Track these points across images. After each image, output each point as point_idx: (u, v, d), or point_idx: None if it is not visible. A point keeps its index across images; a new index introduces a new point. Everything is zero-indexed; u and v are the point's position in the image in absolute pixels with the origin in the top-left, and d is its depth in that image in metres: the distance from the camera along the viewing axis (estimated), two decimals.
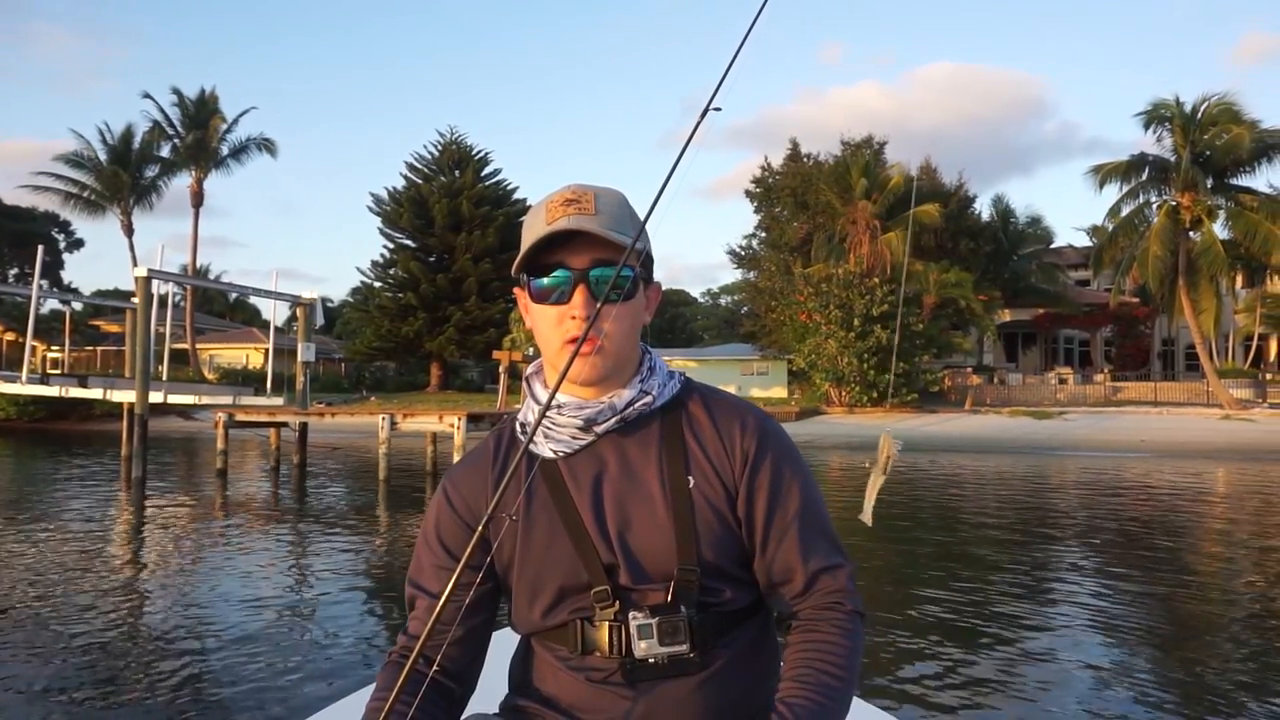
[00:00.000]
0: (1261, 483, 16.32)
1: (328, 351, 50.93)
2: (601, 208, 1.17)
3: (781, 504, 1.21)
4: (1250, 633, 6.15)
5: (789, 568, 1.20)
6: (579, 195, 1.17)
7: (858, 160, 34.10)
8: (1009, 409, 29.96)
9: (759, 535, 1.20)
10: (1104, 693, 4.75)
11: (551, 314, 1.18)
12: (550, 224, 1.15)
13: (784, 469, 1.22)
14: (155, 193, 42.42)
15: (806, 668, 1.15)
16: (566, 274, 1.16)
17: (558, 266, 1.17)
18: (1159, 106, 29.85)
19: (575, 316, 1.16)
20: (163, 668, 5.09)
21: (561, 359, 1.16)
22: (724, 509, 1.19)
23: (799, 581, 1.20)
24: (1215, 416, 26.50)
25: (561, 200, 1.17)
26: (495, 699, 1.30)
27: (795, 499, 1.21)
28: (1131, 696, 4.67)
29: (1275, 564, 8.75)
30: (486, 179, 43.57)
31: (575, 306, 1.16)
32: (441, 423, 15.62)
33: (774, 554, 1.20)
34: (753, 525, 1.20)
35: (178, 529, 10.97)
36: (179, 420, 31.76)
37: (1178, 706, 4.55)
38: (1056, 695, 4.75)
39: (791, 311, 31.91)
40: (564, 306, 1.17)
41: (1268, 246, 28.39)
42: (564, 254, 1.16)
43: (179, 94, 41.62)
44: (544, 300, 1.18)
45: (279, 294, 20.78)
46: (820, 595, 1.20)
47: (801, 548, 1.20)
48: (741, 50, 1.19)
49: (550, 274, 1.17)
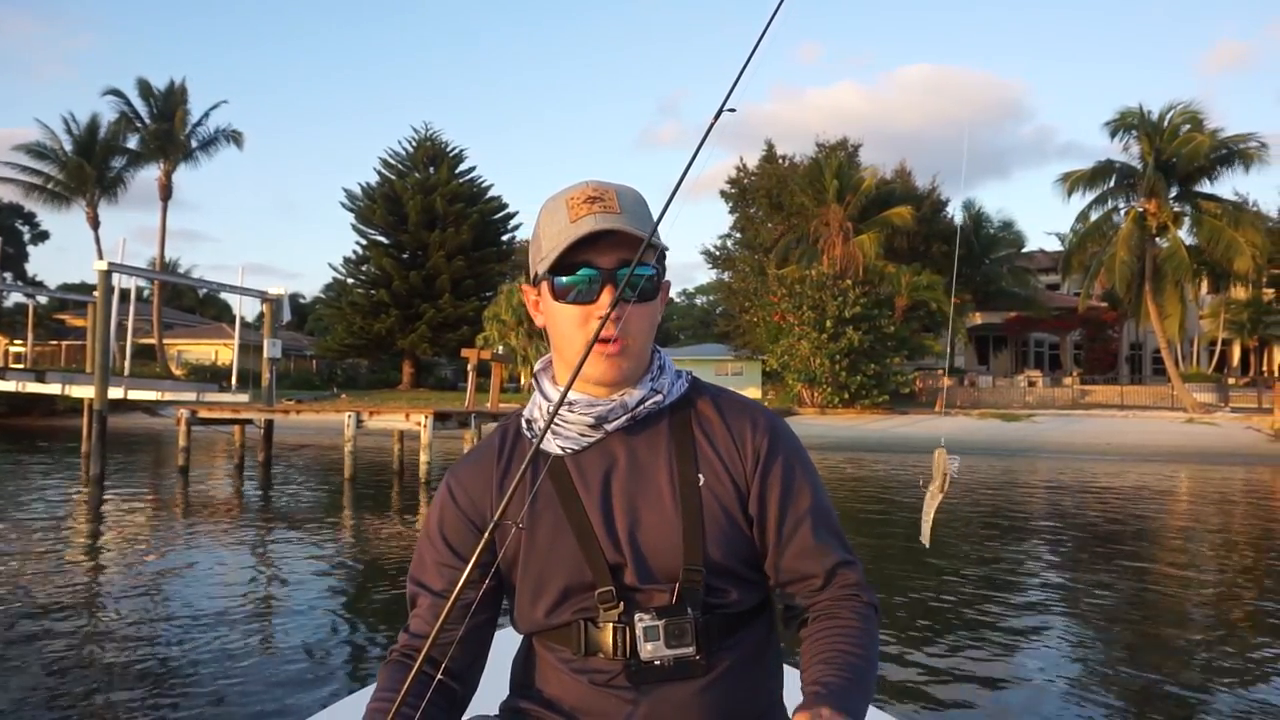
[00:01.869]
0: (1219, 485, 16.58)
1: (299, 348, 50.42)
2: (625, 205, 1.15)
3: (795, 502, 1.20)
4: (1208, 622, 6.42)
5: (805, 564, 1.20)
6: (601, 193, 1.16)
7: (831, 162, 34.28)
8: (979, 411, 30.24)
9: (772, 532, 1.20)
10: (1074, 689, 4.80)
11: (574, 313, 1.16)
12: (575, 221, 1.13)
13: (795, 468, 1.22)
14: (121, 185, 41.82)
15: (833, 650, 1.14)
16: (593, 273, 1.14)
17: (583, 265, 1.14)
18: (1125, 115, 30.28)
19: (601, 316, 1.14)
20: (121, 679, 4.92)
21: (589, 359, 1.14)
22: (733, 507, 1.19)
23: (816, 577, 1.20)
24: (1179, 420, 26.89)
25: (584, 197, 1.15)
26: (495, 700, 1.28)
27: (808, 497, 1.21)
28: (1096, 682, 4.74)
29: (1230, 560, 8.99)
30: (461, 176, 43.31)
31: (604, 306, 1.14)
32: (408, 421, 15.48)
33: (789, 551, 1.20)
34: (765, 523, 1.20)
35: (132, 529, 10.77)
36: (144, 417, 31.28)
37: (1137, 695, 4.60)
38: (1030, 688, 4.83)
39: (765, 312, 32.03)
40: (589, 306, 1.15)
41: (1230, 253, 28.88)
42: (590, 252, 1.14)
43: (146, 85, 41.05)
44: (565, 298, 1.16)
45: (245, 289, 20.51)
46: (837, 589, 1.21)
47: (817, 545, 1.20)
48: (755, 53, 1.16)
49: (574, 272, 1.15)
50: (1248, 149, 29.39)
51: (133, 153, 41.71)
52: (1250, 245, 28.75)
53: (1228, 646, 5.91)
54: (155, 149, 40.86)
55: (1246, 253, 28.60)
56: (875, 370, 30.15)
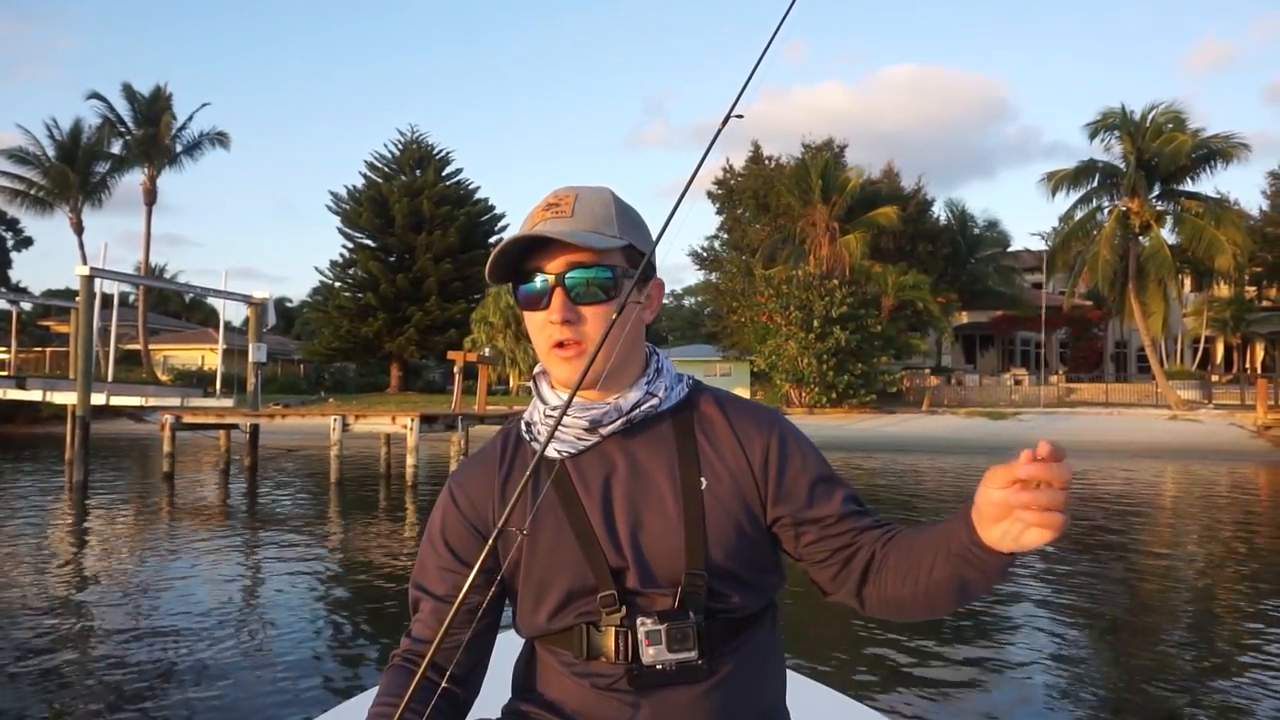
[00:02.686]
0: (1203, 481, 16.72)
1: (286, 352, 50.17)
2: (579, 210, 1.17)
3: (825, 489, 1.20)
4: (1192, 613, 6.58)
5: (852, 536, 1.18)
6: (559, 199, 1.18)
7: (817, 163, 34.39)
8: (965, 410, 30.38)
9: (807, 521, 1.19)
10: (1062, 678, 4.85)
11: (537, 319, 1.19)
12: (531, 229, 1.16)
13: (812, 459, 1.23)
14: (105, 190, 41.47)
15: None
16: (545, 279, 1.17)
17: (536, 271, 1.17)
18: (1107, 115, 30.50)
19: (554, 320, 1.16)
20: (101, 692, 4.87)
21: (550, 362, 1.19)
22: (737, 511, 1.18)
23: (870, 534, 1.18)
24: (1163, 417, 27.10)
25: (544, 205, 1.19)
26: (497, 704, 1.28)
27: (834, 480, 1.22)
28: (1080, 675, 4.79)
29: (1213, 553, 9.10)
30: (448, 178, 43.23)
31: (554, 311, 1.16)
32: (395, 424, 15.43)
33: (831, 533, 1.19)
34: (797, 515, 1.19)
35: (114, 536, 10.71)
36: (131, 423, 31.08)
37: (1126, 685, 4.66)
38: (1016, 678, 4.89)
39: (753, 313, 32.09)
40: (545, 312, 1.17)
41: (1212, 251, 29.13)
42: (542, 259, 1.17)
43: (129, 89, 40.79)
44: (530, 306, 1.19)
45: (229, 293, 20.41)
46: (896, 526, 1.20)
47: (857, 516, 1.20)
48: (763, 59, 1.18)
49: (531, 279, 1.18)
50: (1229, 147, 29.67)
51: (116, 157, 41.42)
52: (1231, 243, 29.01)
53: (1212, 636, 6.05)
54: (140, 153, 40.61)
55: (1228, 250, 28.86)
56: (862, 370, 30.25)
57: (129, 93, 40.83)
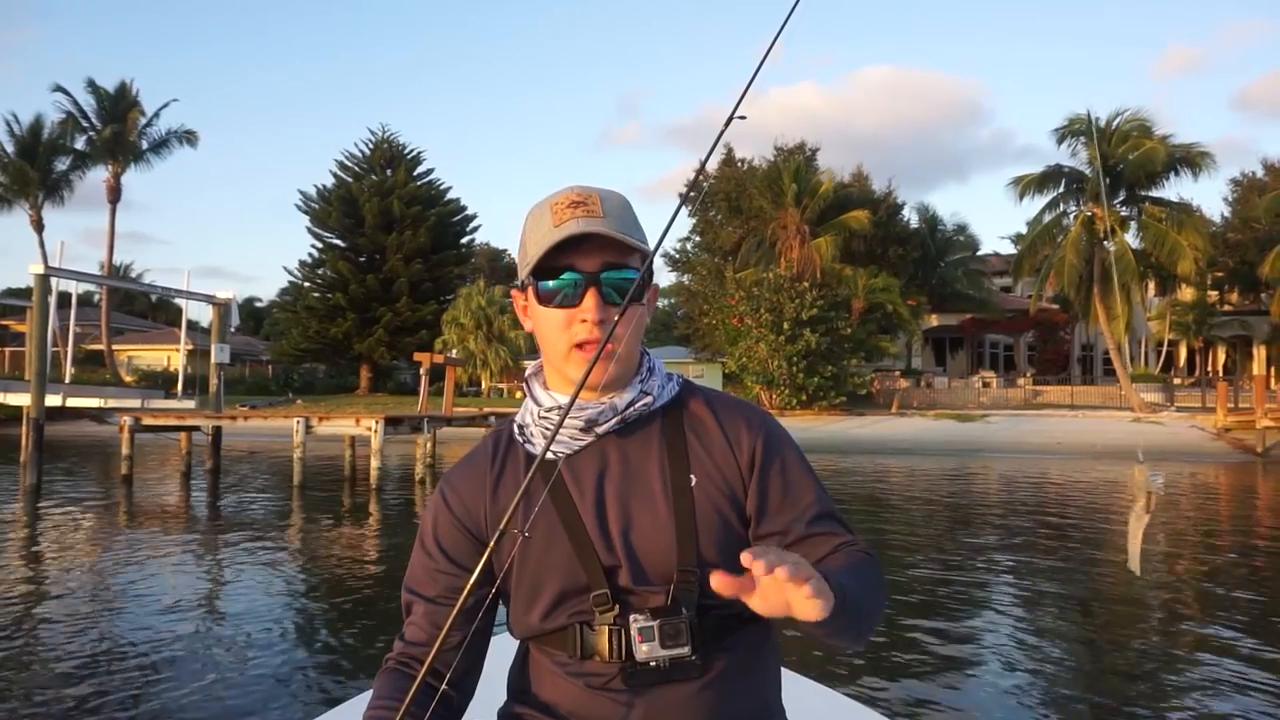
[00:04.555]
0: (1165, 483, 16.93)
1: (255, 353, 49.55)
2: (608, 210, 1.17)
3: (795, 496, 1.21)
4: (1156, 607, 6.80)
5: (814, 551, 1.19)
6: (585, 197, 1.17)
7: (789, 166, 34.55)
8: (934, 412, 30.65)
9: (776, 526, 1.20)
10: (1027, 679, 4.85)
11: (558, 317, 1.17)
12: (558, 226, 1.14)
13: (793, 463, 1.23)
14: (67, 187, 40.65)
15: (848, 563, 1.15)
16: (577, 277, 1.15)
17: (566, 269, 1.15)
18: (1073, 121, 30.93)
19: (586, 320, 1.15)
20: (52, 708, 4.69)
21: (569, 362, 1.17)
22: (727, 508, 1.19)
23: (826, 557, 1.19)
24: (1126, 419, 27.48)
25: (568, 202, 1.17)
26: (492, 706, 1.29)
27: (810, 489, 1.22)
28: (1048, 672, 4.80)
29: (1175, 551, 9.20)
30: (419, 178, 42.90)
31: (587, 310, 1.15)
32: (359, 426, 15.26)
33: (796, 543, 1.19)
34: (767, 518, 1.20)
35: (66, 541, 10.46)
36: (93, 425, 30.49)
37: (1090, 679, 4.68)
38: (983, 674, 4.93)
39: (724, 315, 32.15)
40: (573, 310, 1.16)
41: (1175, 256, 29.62)
42: (573, 257, 1.15)
43: (94, 85, 40.09)
44: (549, 303, 1.17)
45: (192, 293, 20.08)
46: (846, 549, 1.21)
47: (823, 532, 1.20)
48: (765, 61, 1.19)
49: (558, 276, 1.16)
50: (1194, 155, 30.19)
51: (79, 154, 40.66)
52: (1193, 248, 29.53)
53: (1173, 630, 6.27)
54: (104, 150, 39.89)
55: (1189, 255, 29.37)
56: (832, 372, 30.41)
57: (94, 88, 40.14)
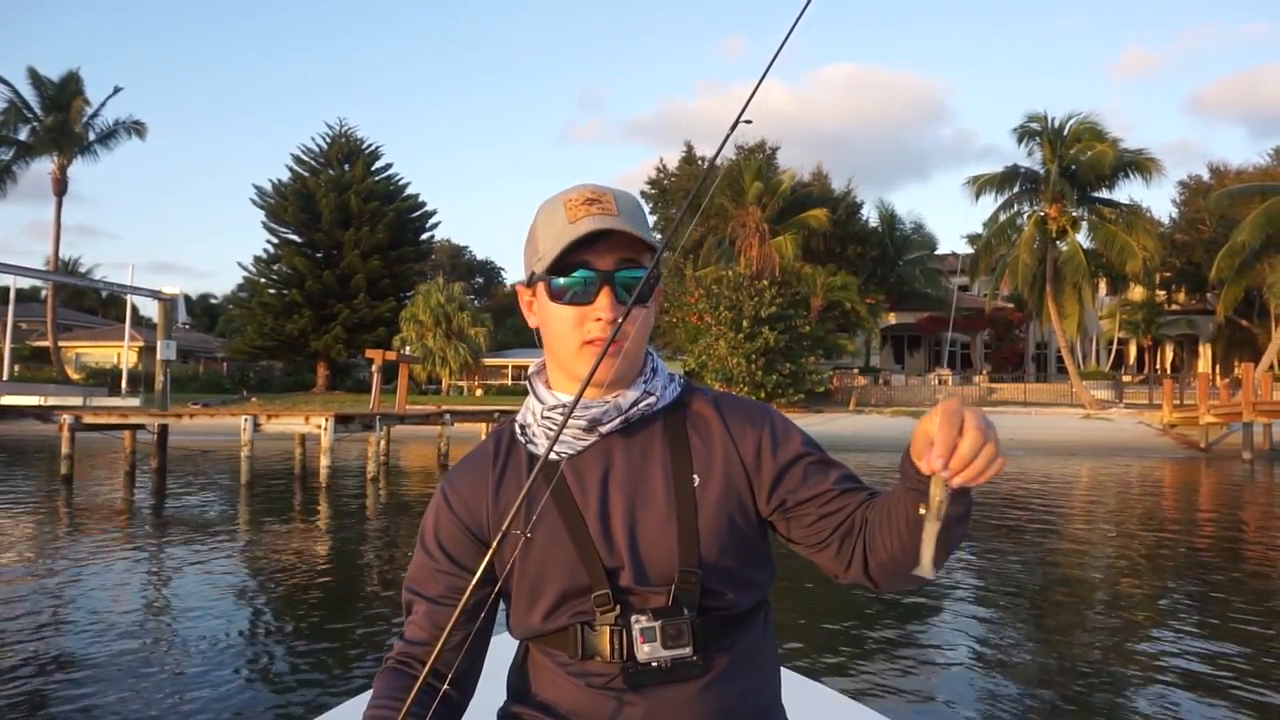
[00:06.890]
0: (1114, 476, 17.30)
1: (209, 350, 48.62)
2: (622, 208, 1.17)
3: (818, 465, 1.21)
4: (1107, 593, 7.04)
5: (848, 512, 1.17)
6: (599, 195, 1.17)
7: (750, 164, 34.70)
8: (891, 409, 31.00)
9: (806, 501, 1.18)
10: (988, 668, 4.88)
11: (569, 314, 1.16)
12: (573, 223, 1.14)
13: (804, 442, 1.23)
14: (9, 178, 39.51)
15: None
16: (591, 274, 1.15)
17: (580, 266, 1.15)
18: (1032, 119, 31.47)
19: (600, 318, 1.15)
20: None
21: (578, 360, 1.16)
22: (730, 507, 1.19)
23: (864, 506, 1.18)
24: (1078, 416, 28.05)
25: (582, 199, 1.16)
26: (493, 706, 1.28)
27: (831, 463, 1.22)
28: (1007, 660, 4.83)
29: (1123, 540, 9.49)
30: (377, 174, 42.39)
31: (601, 308, 1.15)
32: (308, 424, 14.99)
33: (829, 510, 1.18)
34: (796, 495, 1.19)
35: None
36: (37, 424, 29.58)
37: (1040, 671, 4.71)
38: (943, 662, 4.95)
39: (684, 313, 32.22)
40: (586, 307, 1.15)
41: (1124, 255, 30.29)
42: (587, 254, 1.15)
43: (35, 75, 38.96)
44: (561, 299, 1.16)
45: (137, 288, 19.61)
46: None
47: (856, 488, 1.20)
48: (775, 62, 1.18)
49: (571, 273, 1.15)
50: (1142, 161, 30.87)
51: (22, 144, 39.51)
52: (1142, 249, 30.21)
53: (1124, 615, 6.52)
54: (48, 141, 38.81)
55: (1138, 255, 30.04)
56: (791, 369, 30.62)
57: (35, 78, 39.02)
